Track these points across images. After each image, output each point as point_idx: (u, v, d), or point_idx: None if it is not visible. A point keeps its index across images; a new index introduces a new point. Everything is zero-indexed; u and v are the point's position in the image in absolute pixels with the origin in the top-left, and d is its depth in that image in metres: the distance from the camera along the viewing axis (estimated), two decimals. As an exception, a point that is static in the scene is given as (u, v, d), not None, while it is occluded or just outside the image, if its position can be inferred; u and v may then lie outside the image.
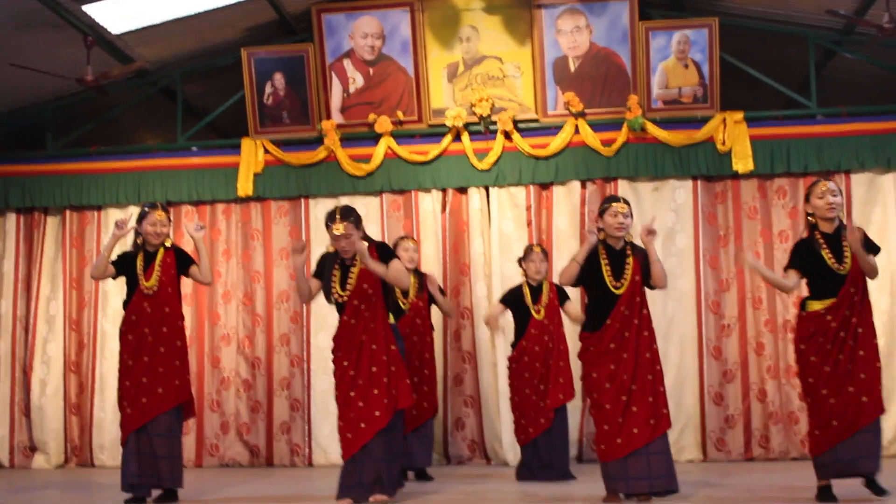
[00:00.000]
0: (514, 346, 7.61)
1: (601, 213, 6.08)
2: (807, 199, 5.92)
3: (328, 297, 6.26)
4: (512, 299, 7.63)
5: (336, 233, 6.02)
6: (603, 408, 5.84)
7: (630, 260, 5.97)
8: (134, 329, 6.45)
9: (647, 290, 6.07)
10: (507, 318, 7.82)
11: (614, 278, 5.92)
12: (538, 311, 7.50)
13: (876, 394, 5.67)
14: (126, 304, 6.57)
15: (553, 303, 7.56)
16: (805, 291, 6.00)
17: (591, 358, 5.94)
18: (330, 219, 6.11)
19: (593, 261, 5.97)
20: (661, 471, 5.80)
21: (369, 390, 5.98)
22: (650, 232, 6.01)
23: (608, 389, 5.83)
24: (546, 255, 7.72)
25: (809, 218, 5.89)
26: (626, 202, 6.10)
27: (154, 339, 6.43)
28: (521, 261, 7.73)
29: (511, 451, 8.86)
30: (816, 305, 5.77)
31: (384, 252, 6.20)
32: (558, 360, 7.48)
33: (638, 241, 6.15)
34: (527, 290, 7.57)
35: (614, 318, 5.89)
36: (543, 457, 7.39)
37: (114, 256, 6.60)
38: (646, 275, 6.00)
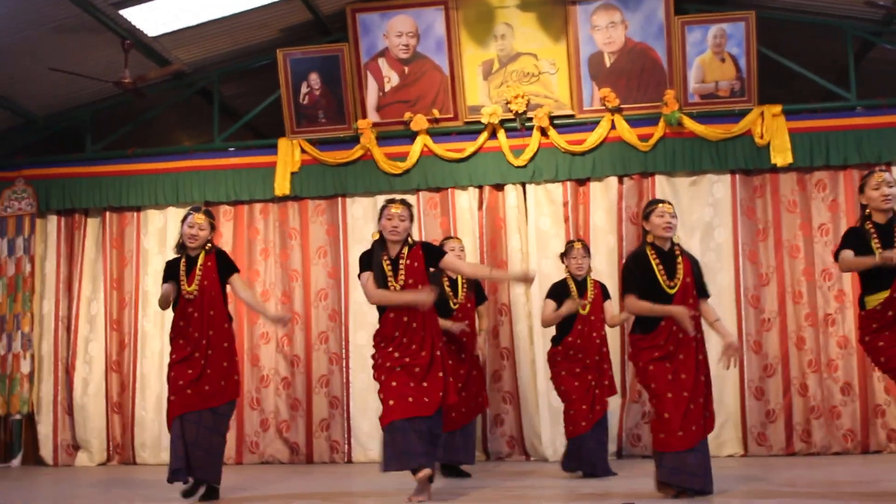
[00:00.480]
0: (557, 341, 7.50)
1: (646, 217, 6.04)
2: (861, 190, 5.89)
3: (381, 286, 6.14)
4: (557, 293, 7.54)
5: (394, 210, 6.12)
6: (664, 397, 5.76)
7: (680, 260, 5.95)
8: (182, 334, 6.47)
9: None
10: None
11: (668, 277, 5.89)
12: (584, 307, 7.44)
13: None
14: (174, 309, 6.57)
15: (598, 299, 7.49)
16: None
17: (645, 357, 5.88)
18: (389, 201, 6.21)
19: (645, 263, 5.93)
20: (702, 470, 5.77)
21: (420, 379, 5.97)
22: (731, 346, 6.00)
23: (670, 381, 5.77)
24: (588, 250, 7.63)
25: (865, 210, 5.85)
26: (670, 203, 6.09)
27: (201, 342, 6.43)
28: (562, 256, 7.67)
29: (550, 446, 8.85)
30: (873, 302, 5.70)
31: (430, 251, 6.24)
32: (604, 354, 7.47)
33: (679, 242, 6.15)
34: (572, 284, 7.51)
35: (669, 318, 5.84)
36: (589, 451, 7.33)
37: (160, 265, 6.58)
38: (698, 280, 5.99)
